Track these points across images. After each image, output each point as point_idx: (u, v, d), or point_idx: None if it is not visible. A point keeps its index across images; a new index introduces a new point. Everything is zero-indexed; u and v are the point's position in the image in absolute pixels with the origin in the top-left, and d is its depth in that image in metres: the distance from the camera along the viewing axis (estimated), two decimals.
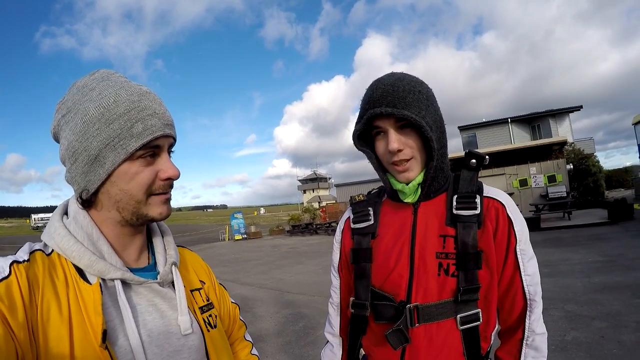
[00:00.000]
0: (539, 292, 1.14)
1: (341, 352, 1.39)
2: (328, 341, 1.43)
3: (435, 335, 1.10)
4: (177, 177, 0.91)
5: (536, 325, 1.12)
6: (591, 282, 6.72)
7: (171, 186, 0.93)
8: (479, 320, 1.10)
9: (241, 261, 15.02)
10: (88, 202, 0.87)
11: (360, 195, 1.37)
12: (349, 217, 1.34)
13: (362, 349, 1.30)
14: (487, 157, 1.20)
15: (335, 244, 1.40)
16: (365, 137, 1.21)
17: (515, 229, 1.12)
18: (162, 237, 1.05)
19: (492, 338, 1.18)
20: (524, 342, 1.12)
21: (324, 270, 10.97)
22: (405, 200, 1.18)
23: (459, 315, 1.09)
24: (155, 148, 0.87)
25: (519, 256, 1.12)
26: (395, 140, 1.10)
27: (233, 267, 13.43)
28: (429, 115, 1.09)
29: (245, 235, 27.98)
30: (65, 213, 0.91)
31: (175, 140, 0.94)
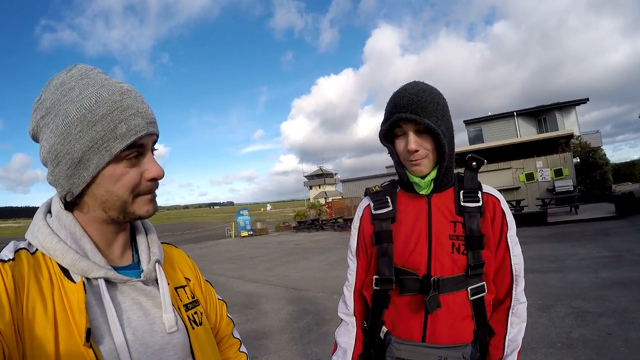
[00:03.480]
0: (523, 270, 1.39)
1: (356, 330, 1.53)
2: (342, 320, 1.58)
3: (452, 304, 1.30)
4: (162, 176, 0.90)
5: (520, 296, 1.38)
6: (598, 277, 6.68)
7: (156, 185, 0.92)
8: (484, 292, 1.33)
9: (247, 258, 15.06)
10: (72, 203, 0.87)
11: (377, 187, 1.56)
12: (369, 204, 1.51)
13: (383, 327, 1.41)
14: (485, 160, 1.46)
15: (354, 230, 1.56)
16: (388, 134, 1.40)
17: (507, 219, 1.38)
18: (146, 235, 1.04)
19: (492, 305, 1.40)
20: (510, 310, 1.37)
21: (329, 266, 11.00)
22: (420, 192, 1.39)
23: (469, 287, 1.31)
24: (139, 148, 0.86)
25: (509, 241, 1.37)
26: (414, 142, 1.30)
27: (239, 264, 13.47)
28: (443, 124, 1.30)
29: (251, 232, 28.01)
30: (49, 211, 0.91)
31: (158, 137, 0.93)
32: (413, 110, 1.27)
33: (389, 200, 1.45)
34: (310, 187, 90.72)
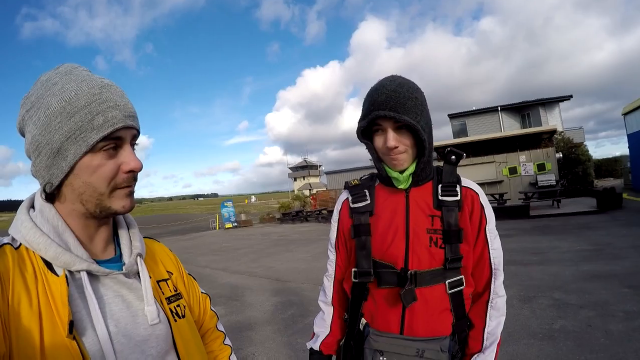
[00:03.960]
0: (502, 263, 1.39)
1: (331, 318, 1.57)
2: (320, 309, 1.61)
3: (430, 297, 1.31)
4: (140, 169, 0.92)
5: (499, 289, 1.38)
6: (579, 270, 6.77)
7: (135, 179, 0.94)
8: (462, 285, 1.34)
9: (231, 249, 15.02)
10: (52, 195, 0.89)
11: (355, 180, 1.56)
12: (347, 198, 1.52)
13: (362, 319, 1.43)
14: (464, 154, 1.45)
15: (333, 223, 1.57)
16: (366, 130, 1.40)
17: (486, 213, 1.38)
18: (128, 229, 1.06)
19: (472, 298, 1.42)
20: (489, 304, 1.37)
21: (313, 257, 11.02)
22: (399, 187, 1.39)
23: (447, 281, 1.31)
24: (117, 140, 0.88)
25: (487, 234, 1.37)
26: (393, 139, 1.30)
27: (223, 256, 13.43)
28: (423, 119, 1.30)
29: (235, 224, 27.90)
30: (32, 206, 0.92)
31: (138, 132, 0.95)
32: (391, 107, 1.27)
33: (367, 194, 1.46)
34: (295, 179, 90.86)
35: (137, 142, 0.95)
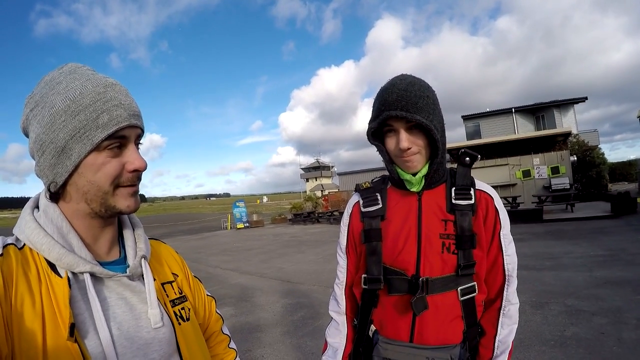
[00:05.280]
0: (516, 270, 1.35)
1: (346, 329, 1.51)
2: (333, 319, 1.55)
3: (441, 304, 1.27)
4: (144, 168, 0.92)
5: (512, 297, 1.34)
6: (593, 276, 6.70)
7: (139, 178, 0.93)
8: (475, 292, 1.30)
9: (242, 250, 15.08)
10: (56, 194, 0.88)
11: (367, 183, 1.52)
12: (358, 201, 1.48)
13: (371, 326, 1.40)
14: (479, 155, 1.40)
15: (343, 227, 1.53)
16: (377, 132, 1.37)
17: (500, 217, 1.33)
18: (133, 230, 1.05)
19: (484, 305, 1.37)
20: (501, 311, 1.33)
21: (324, 259, 11.01)
22: (412, 190, 1.35)
23: (459, 288, 1.28)
24: (121, 139, 0.88)
25: (502, 240, 1.33)
26: (406, 140, 1.26)
27: (234, 256, 13.49)
28: (435, 118, 1.26)
29: (247, 224, 28.05)
30: (37, 206, 0.92)
31: (143, 131, 0.94)
32: (403, 107, 1.22)
33: (379, 198, 1.42)
34: (307, 180, 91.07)
35: (141, 141, 0.95)
